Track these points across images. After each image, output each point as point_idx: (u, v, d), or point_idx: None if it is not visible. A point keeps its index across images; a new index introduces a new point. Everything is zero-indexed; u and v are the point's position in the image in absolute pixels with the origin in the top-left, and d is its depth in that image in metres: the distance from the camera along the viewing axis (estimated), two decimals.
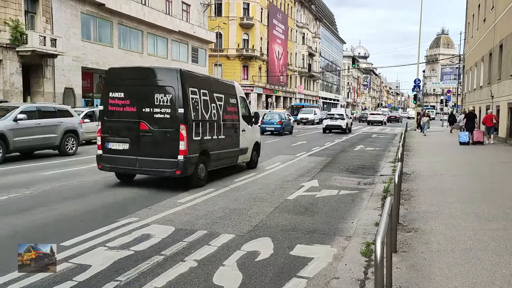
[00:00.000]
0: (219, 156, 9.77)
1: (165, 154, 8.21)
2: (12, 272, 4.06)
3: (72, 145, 14.49)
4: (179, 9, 39.48)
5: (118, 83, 8.64)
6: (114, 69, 9.56)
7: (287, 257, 4.78)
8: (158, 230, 5.66)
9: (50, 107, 14.58)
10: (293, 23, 69.85)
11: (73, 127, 14.63)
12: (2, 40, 22.30)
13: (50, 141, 13.58)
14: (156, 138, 8.27)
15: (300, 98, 73.26)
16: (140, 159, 8.34)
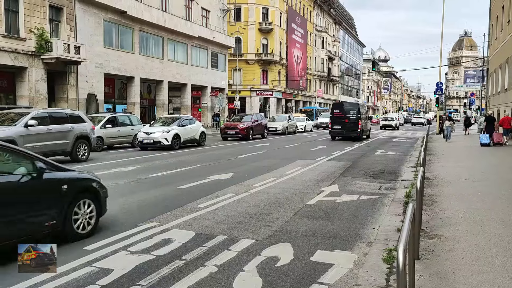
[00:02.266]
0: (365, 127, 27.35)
1: (353, 130, 24.93)
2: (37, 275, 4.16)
3: (84, 151, 14.35)
4: (199, 15, 39.91)
5: (336, 106, 27.64)
6: (336, 103, 25.25)
7: (307, 263, 4.75)
8: (178, 235, 5.70)
9: (62, 113, 14.48)
10: (312, 27, 69.72)
11: (85, 133, 14.49)
12: (28, 48, 22.94)
13: (62, 147, 13.46)
14: (351, 124, 24.94)
15: (320, 102, 72.95)
16: (344, 131, 25.24)
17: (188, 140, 20.23)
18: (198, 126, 21.62)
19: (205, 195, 8.37)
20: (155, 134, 18.77)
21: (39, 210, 5.00)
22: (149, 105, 37.31)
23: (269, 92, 54.60)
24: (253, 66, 53.45)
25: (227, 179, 10.50)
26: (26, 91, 23.40)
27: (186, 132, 20.09)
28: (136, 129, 20.29)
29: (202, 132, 21.50)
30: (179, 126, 19.80)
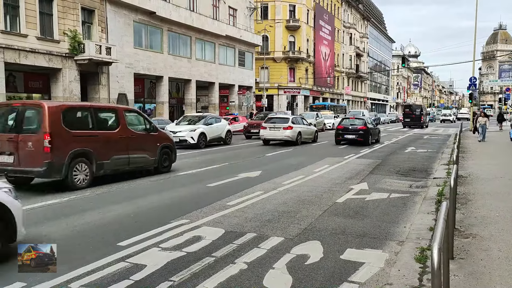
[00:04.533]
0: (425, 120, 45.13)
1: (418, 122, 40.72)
2: (74, 270, 4.30)
3: None
4: (226, 14, 40.11)
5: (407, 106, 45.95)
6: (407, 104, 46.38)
7: (337, 261, 4.72)
8: (208, 232, 5.76)
9: None
10: (340, 24, 68.90)
11: None
12: (61, 50, 23.66)
13: None
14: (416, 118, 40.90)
15: (348, 100, 72.07)
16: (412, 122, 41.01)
17: (214, 139, 20.08)
18: (224, 125, 21.43)
19: (234, 193, 8.43)
20: (181, 132, 18.63)
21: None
22: (177, 104, 37.80)
23: (297, 90, 54.34)
24: (280, 64, 53.31)
25: (256, 177, 10.54)
26: (60, 92, 24.16)
27: (212, 131, 19.93)
28: None
29: (228, 131, 21.31)
30: (205, 124, 19.68)
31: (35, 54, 22.24)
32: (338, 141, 20.92)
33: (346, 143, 20.59)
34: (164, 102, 32.83)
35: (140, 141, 10.59)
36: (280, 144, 20.06)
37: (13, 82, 24.04)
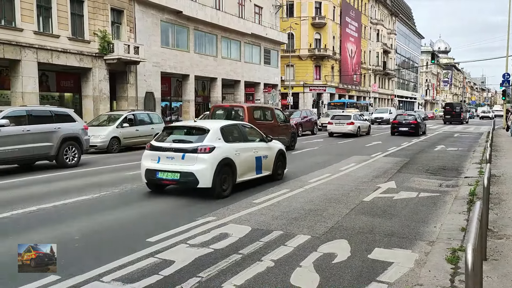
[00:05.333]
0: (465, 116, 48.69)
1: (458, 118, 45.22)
2: (106, 264, 4.41)
3: (72, 155, 12.30)
4: (252, 12, 40.15)
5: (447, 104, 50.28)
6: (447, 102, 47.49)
7: (365, 261, 4.66)
8: (235, 229, 5.80)
9: (45, 110, 12.33)
10: (367, 20, 67.89)
11: (74, 134, 12.38)
12: (92, 50, 24.23)
13: (43, 150, 11.41)
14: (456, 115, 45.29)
15: (374, 97, 70.99)
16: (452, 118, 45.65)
17: None
18: None
19: (260, 191, 8.45)
20: None
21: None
22: (203, 102, 38.13)
23: (322, 88, 53.90)
24: (306, 61, 52.99)
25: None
26: (90, 91, 24.76)
27: None
28: (157, 128, 18.29)
29: None
30: None
31: (67, 54, 22.86)
32: (393, 132, 26.18)
33: (399, 134, 25.55)
34: (190, 100, 33.17)
35: (282, 128, 16.50)
36: (311, 144, 19.93)
37: (46, 82, 24.78)
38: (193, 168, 7.59)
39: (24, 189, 8.92)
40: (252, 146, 9.12)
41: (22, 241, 5.26)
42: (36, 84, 21.74)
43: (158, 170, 7.82)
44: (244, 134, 9.26)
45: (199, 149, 7.69)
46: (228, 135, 8.55)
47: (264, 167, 9.35)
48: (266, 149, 9.52)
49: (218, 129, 8.36)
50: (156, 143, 8.25)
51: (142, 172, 8.17)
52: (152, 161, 8.00)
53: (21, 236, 5.49)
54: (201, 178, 7.57)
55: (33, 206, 7.10)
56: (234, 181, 8.26)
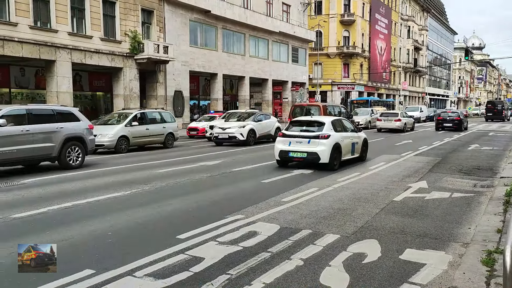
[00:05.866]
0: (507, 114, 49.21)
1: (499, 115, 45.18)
2: (137, 260, 4.51)
3: (76, 156, 11.76)
4: (280, 10, 40.08)
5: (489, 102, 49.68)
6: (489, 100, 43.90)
7: (396, 261, 4.58)
8: (264, 227, 5.80)
9: (47, 109, 11.86)
10: (398, 16, 66.56)
11: (77, 134, 11.84)
12: (123, 50, 24.77)
13: (44, 151, 10.90)
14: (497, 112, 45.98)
15: (404, 95, 69.57)
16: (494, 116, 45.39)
17: (263, 136, 19.66)
18: (273, 122, 20.97)
19: (288, 189, 8.43)
20: (230, 129, 18.43)
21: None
22: (231, 101, 38.35)
23: (351, 86, 53.22)
24: (334, 59, 52.45)
25: (310, 174, 10.47)
26: (121, 90, 25.32)
27: (261, 128, 19.56)
28: (169, 127, 18.31)
29: (277, 128, 20.59)
30: (255, 121, 19.30)
31: (99, 54, 23.45)
32: (438, 128, 28.72)
33: (444, 130, 27.97)
34: (218, 98, 33.42)
35: None
36: None
37: (79, 81, 25.51)
38: (316, 149, 10.79)
39: (56, 186, 9.21)
40: (349, 135, 12.17)
41: (58, 236, 5.46)
42: (70, 83, 22.41)
43: (289, 151, 11.13)
44: (345, 126, 12.36)
45: (320, 136, 10.91)
46: (336, 127, 11.63)
47: (356, 151, 12.49)
48: (357, 137, 12.61)
49: (330, 122, 11.57)
50: (286, 132, 11.62)
51: (276, 152, 11.50)
52: (284, 145, 11.27)
53: (58, 231, 5.68)
54: (322, 156, 10.74)
55: (68, 203, 7.34)
56: (340, 159, 11.37)
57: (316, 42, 48.22)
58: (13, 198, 7.88)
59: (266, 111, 36.83)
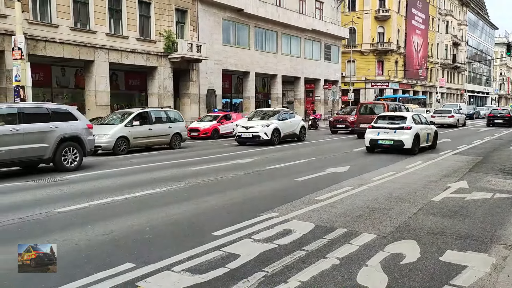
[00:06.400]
0: None
1: None
2: (175, 255, 4.60)
3: (73, 157, 11.02)
4: (312, 7, 39.75)
5: None
6: None
7: (436, 263, 4.46)
8: (298, 226, 5.79)
9: (41, 108, 11.05)
10: (435, 11, 64.65)
11: (74, 134, 11.07)
12: (157, 49, 25.25)
13: (36, 152, 10.22)
14: None
15: (442, 92, 67.55)
16: None
17: (287, 135, 18.93)
18: (298, 120, 20.19)
19: (322, 188, 8.36)
20: (254, 128, 17.72)
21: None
22: (263, 99, 38.39)
23: (385, 83, 52.16)
24: (368, 56, 51.56)
25: (344, 172, 10.35)
26: (155, 89, 25.83)
27: (286, 127, 18.80)
28: (176, 127, 17.28)
29: (302, 127, 20.05)
30: (279, 120, 18.53)
31: (135, 54, 24.01)
32: (489, 124, 31.20)
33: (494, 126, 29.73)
34: (251, 97, 33.53)
35: None
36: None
37: (115, 80, 26.22)
38: (401, 137, 13.63)
39: (96, 182, 9.51)
40: (425, 127, 14.82)
41: (100, 230, 5.65)
42: (107, 83, 23.06)
43: (378, 139, 14.10)
44: (421, 119, 14.94)
45: (404, 127, 13.70)
46: (415, 120, 14.29)
47: (429, 140, 15.11)
48: (430, 129, 15.24)
49: (411, 116, 14.39)
50: (375, 125, 14.35)
51: (366, 140, 14.36)
52: (374, 134, 14.13)
53: (99, 225, 5.86)
54: (406, 143, 13.56)
55: (106, 198, 7.57)
56: (418, 146, 14.02)
57: (349, 39, 47.53)
58: (56, 194, 8.21)
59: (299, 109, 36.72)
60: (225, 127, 22.79)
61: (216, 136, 22.27)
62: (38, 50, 19.59)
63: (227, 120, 23.30)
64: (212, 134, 22.15)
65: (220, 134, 22.47)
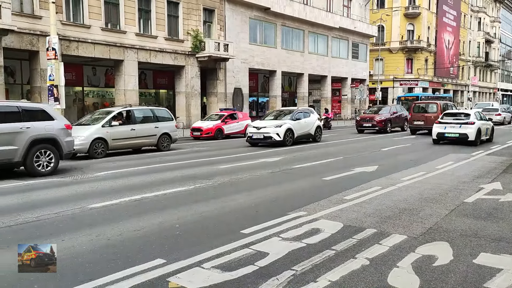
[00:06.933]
0: None
1: None
2: (204, 252, 4.66)
3: (47, 160, 9.95)
4: (340, 5, 39.36)
5: None
6: None
7: (469, 265, 4.36)
8: (326, 225, 5.75)
9: (11, 106, 9.86)
10: (467, 8, 62.92)
11: (48, 135, 9.98)
12: (185, 49, 25.55)
13: (3, 156, 9.20)
14: None
15: (474, 91, 65.69)
16: None
17: (302, 136, 17.97)
18: (313, 120, 18.93)
19: (351, 187, 8.28)
20: (266, 129, 16.84)
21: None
22: (289, 98, 38.31)
23: (414, 82, 51.16)
24: (397, 54, 50.66)
25: (372, 172, 10.22)
26: (183, 87, 26.16)
27: (300, 127, 17.82)
28: (163, 126, 15.82)
29: (318, 127, 19.05)
30: (292, 119, 17.56)
31: (163, 53, 24.38)
32: None
33: None
34: (277, 96, 33.51)
35: None
36: (403, 141, 19.12)
37: (144, 79, 26.70)
38: (466, 131, 16.10)
39: (126, 179, 9.72)
40: (484, 123, 17.28)
41: (131, 226, 5.77)
42: (136, 82, 23.50)
43: (445, 133, 16.62)
44: (482, 116, 17.57)
45: (468, 122, 16.22)
46: (477, 116, 16.84)
47: (487, 134, 17.56)
48: (488, 124, 17.69)
49: (474, 113, 17.12)
50: (442, 120, 16.93)
51: (433, 134, 16.93)
52: (441, 129, 16.66)
53: (130, 221, 6.00)
54: (470, 136, 15.99)
55: (137, 195, 7.72)
56: (480, 139, 16.48)
57: (377, 37, 46.85)
58: (89, 190, 8.44)
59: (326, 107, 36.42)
60: (230, 127, 21.75)
61: (220, 137, 21.22)
62: (71, 50, 20.15)
63: (233, 119, 22.16)
64: (215, 135, 20.94)
65: (225, 134, 21.40)
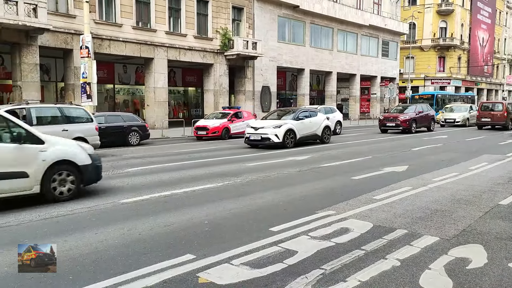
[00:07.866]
0: None
1: None
2: (234, 249, 4.69)
3: None
4: (370, 3, 38.77)
5: None
6: None
7: (505, 269, 4.23)
8: (356, 224, 5.70)
9: None
10: (503, 4, 60.82)
11: None
12: (213, 47, 25.76)
13: None
14: None
15: (509, 90, 63.47)
16: None
17: (306, 136, 16.72)
18: (320, 120, 17.66)
19: (380, 187, 8.16)
20: (264, 129, 15.63)
21: None
22: (317, 96, 38.04)
23: (446, 81, 49.85)
24: (428, 52, 49.47)
25: (402, 172, 10.04)
26: (211, 85, 26.38)
27: (304, 127, 16.54)
28: (76, 129, 12.99)
29: (325, 127, 17.73)
30: (295, 119, 16.37)
31: (192, 51, 24.65)
32: None
33: None
34: (305, 94, 33.34)
35: None
36: (432, 141, 18.71)
37: (173, 77, 27.08)
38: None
39: (156, 176, 9.90)
40: None
41: (161, 221, 5.88)
42: (166, 79, 23.87)
43: None
44: None
45: None
46: None
47: None
48: None
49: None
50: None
51: None
52: None
53: (160, 216, 6.11)
54: None
55: (167, 191, 7.85)
56: None
57: (408, 35, 45.91)
58: (121, 185, 8.64)
59: (354, 107, 35.99)
60: (236, 126, 20.55)
61: (227, 137, 20.18)
62: (103, 49, 20.64)
63: (238, 118, 20.99)
64: (222, 134, 19.86)
65: (230, 134, 20.32)
